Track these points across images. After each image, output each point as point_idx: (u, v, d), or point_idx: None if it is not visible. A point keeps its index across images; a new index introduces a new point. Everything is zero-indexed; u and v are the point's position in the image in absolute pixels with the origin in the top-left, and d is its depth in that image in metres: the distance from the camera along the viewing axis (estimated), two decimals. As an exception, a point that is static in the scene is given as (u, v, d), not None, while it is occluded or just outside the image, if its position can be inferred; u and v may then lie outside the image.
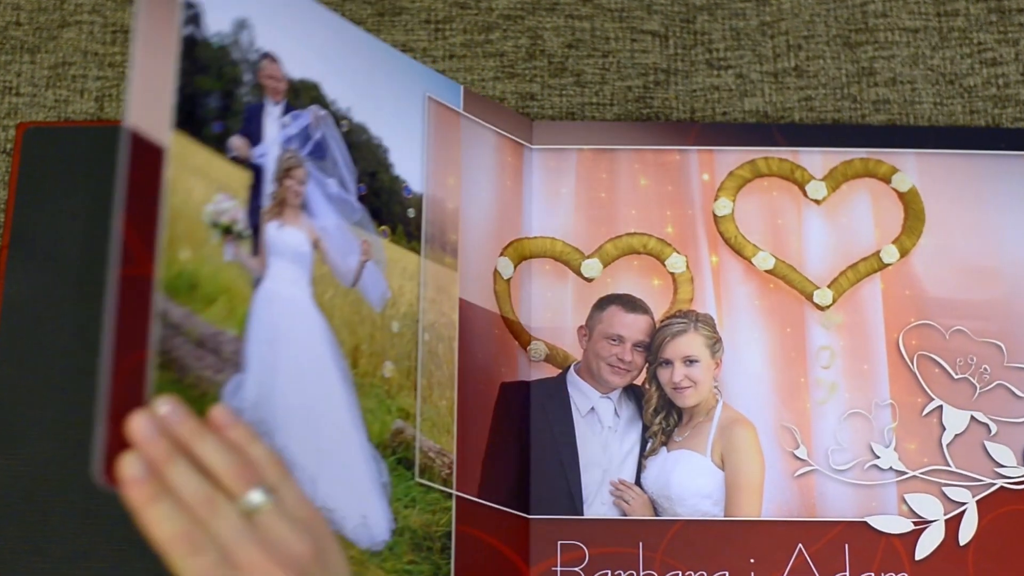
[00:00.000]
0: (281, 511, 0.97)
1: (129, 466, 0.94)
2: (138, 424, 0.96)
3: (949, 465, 1.31)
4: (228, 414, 1.01)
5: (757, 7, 1.54)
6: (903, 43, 1.53)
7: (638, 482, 1.33)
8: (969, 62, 1.52)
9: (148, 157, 1.07)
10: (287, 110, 1.20)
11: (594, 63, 1.53)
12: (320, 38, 1.25)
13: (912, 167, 1.41)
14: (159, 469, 0.95)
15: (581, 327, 1.36)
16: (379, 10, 1.51)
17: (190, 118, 1.11)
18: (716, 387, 1.34)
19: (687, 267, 1.38)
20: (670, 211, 1.40)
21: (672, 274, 1.38)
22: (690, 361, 1.33)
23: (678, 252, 1.38)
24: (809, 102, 1.51)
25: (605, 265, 1.38)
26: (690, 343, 1.34)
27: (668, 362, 1.33)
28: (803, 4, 1.54)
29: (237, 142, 1.15)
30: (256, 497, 0.96)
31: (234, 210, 1.13)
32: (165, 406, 0.99)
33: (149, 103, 1.09)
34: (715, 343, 1.35)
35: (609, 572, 1.30)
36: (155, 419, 0.96)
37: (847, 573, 1.29)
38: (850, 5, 1.53)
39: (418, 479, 1.22)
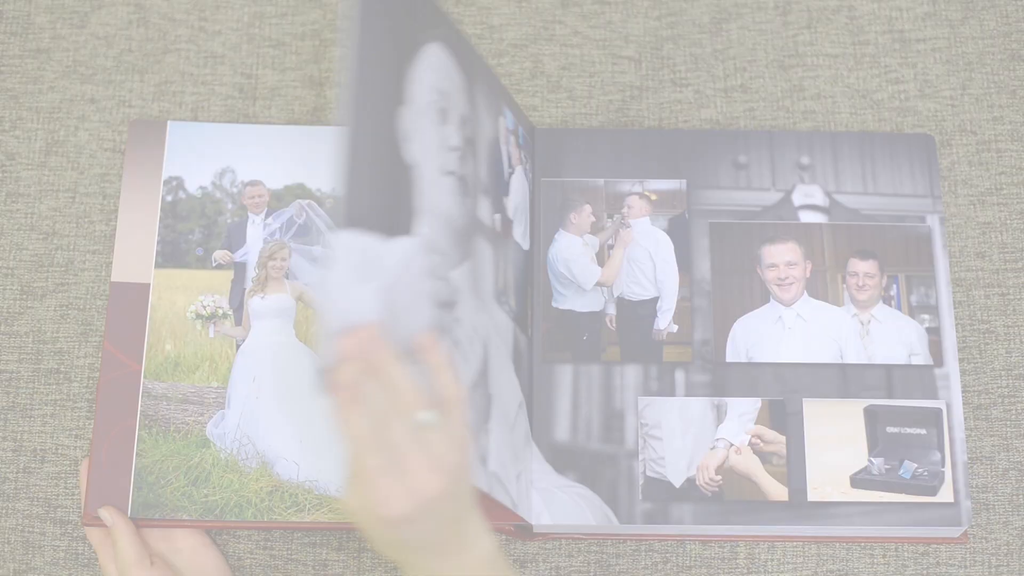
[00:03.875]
0: (446, 430, 1.01)
1: (340, 374, 0.99)
2: (349, 345, 0.99)
3: None
4: (431, 339, 1.05)
5: (711, 38, 1.57)
6: (825, 66, 1.56)
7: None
8: (878, 81, 1.54)
9: (132, 295, 1.35)
10: (269, 214, 1.43)
11: (583, 82, 1.55)
12: (300, 150, 1.45)
13: None
14: (360, 382, 0.99)
15: None
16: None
17: (173, 255, 1.39)
18: None
19: None
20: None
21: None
22: None
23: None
24: (752, 112, 1.54)
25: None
26: None
27: None
28: (747, 36, 1.57)
29: (219, 254, 1.42)
30: (426, 416, 1.01)
31: (217, 301, 1.39)
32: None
33: (134, 256, 1.38)
34: None
35: None
36: (361, 343, 1.00)
37: None
38: (784, 36, 1.57)
39: None
